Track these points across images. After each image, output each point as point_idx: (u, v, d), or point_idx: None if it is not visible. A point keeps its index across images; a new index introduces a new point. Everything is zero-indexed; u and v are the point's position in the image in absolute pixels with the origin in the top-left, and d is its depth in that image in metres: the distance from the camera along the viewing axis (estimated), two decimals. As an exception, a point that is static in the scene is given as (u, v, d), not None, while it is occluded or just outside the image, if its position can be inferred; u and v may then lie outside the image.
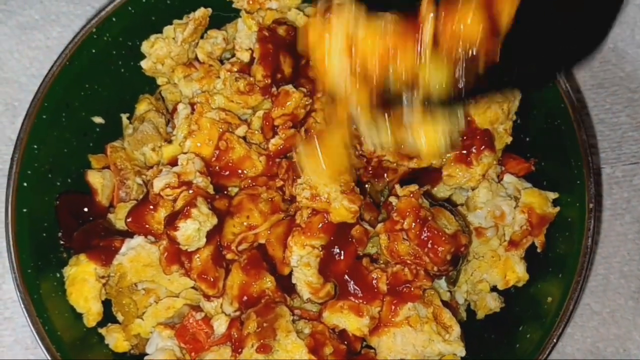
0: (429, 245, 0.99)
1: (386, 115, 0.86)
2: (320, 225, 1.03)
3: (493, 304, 1.11)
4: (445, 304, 1.05)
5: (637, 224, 1.28)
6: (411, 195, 1.01)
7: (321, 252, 1.03)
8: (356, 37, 0.84)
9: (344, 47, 0.84)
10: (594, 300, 1.24)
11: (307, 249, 1.03)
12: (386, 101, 0.85)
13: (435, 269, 1.00)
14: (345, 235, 1.03)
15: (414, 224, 0.99)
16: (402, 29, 0.82)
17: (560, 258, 1.08)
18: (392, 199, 1.03)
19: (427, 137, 0.87)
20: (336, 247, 1.03)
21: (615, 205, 1.29)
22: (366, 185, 1.13)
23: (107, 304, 1.12)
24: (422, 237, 0.99)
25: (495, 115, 1.13)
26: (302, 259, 1.03)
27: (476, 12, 0.79)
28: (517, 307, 1.12)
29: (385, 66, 0.83)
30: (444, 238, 0.99)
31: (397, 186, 1.04)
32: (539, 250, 1.11)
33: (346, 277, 1.02)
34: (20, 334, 1.24)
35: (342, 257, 1.02)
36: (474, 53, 0.80)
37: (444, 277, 1.06)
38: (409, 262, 1.00)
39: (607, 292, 1.25)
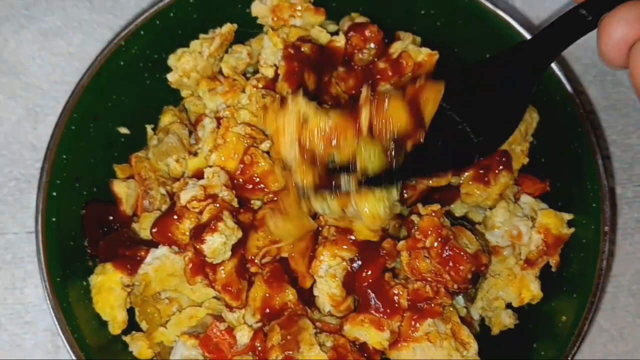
0: (451, 264, 1.02)
1: (331, 189, 1.01)
2: (351, 239, 1.06)
3: (508, 320, 1.14)
4: (462, 319, 1.08)
5: (646, 243, 1.31)
6: (433, 214, 1.04)
7: (348, 265, 1.06)
8: (305, 124, 1.00)
9: (294, 132, 1.00)
10: (602, 317, 1.28)
11: (337, 260, 1.06)
12: (331, 177, 1.01)
13: (456, 286, 1.03)
14: (373, 249, 1.06)
15: (436, 242, 1.02)
16: (344, 119, 0.99)
17: (574, 278, 1.11)
18: (414, 217, 1.06)
19: (368, 205, 1.00)
20: (364, 259, 1.06)
21: (626, 225, 1.32)
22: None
23: (130, 312, 1.14)
24: (444, 255, 1.02)
25: (513, 136, 1.16)
26: (329, 270, 1.06)
27: (402, 106, 0.98)
28: (531, 324, 1.15)
29: (329, 149, 1.00)
30: (465, 257, 1.01)
31: (419, 205, 1.07)
32: (553, 269, 1.14)
33: (369, 291, 1.04)
34: (41, 338, 1.27)
35: (369, 271, 1.05)
36: (401, 138, 0.98)
37: (462, 294, 1.09)
38: (429, 279, 1.03)
39: (616, 310, 1.28)
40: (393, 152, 0.98)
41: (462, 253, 1.02)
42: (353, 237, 1.06)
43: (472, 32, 1.22)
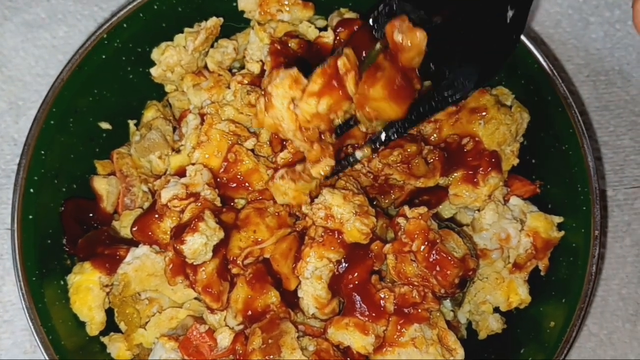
0: (438, 269, 0.99)
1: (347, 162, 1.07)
2: (339, 240, 1.04)
3: (495, 325, 1.12)
4: (448, 324, 1.06)
5: (636, 247, 1.29)
6: (420, 217, 1.02)
7: (335, 267, 1.04)
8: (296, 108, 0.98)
9: (290, 121, 0.98)
10: (592, 321, 1.26)
11: (324, 262, 1.04)
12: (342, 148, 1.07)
13: (443, 291, 1.01)
14: (361, 251, 1.04)
15: (422, 246, 1.00)
16: (332, 98, 0.97)
17: (563, 282, 1.09)
18: (401, 220, 1.04)
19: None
20: (351, 261, 1.04)
21: (616, 227, 1.30)
22: (374, 202, 1.13)
23: (109, 312, 1.12)
24: (431, 259, 1.00)
25: (503, 137, 1.14)
26: (315, 272, 1.03)
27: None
28: (519, 328, 1.13)
29: (329, 122, 0.99)
30: (452, 262, 0.99)
31: (406, 208, 1.04)
32: (542, 273, 1.12)
33: (354, 293, 1.02)
34: (20, 337, 1.24)
35: (355, 273, 1.02)
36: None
37: (449, 298, 1.07)
38: (416, 283, 1.01)
39: (605, 314, 1.26)
40: None
41: (449, 257, 0.99)
42: (341, 238, 1.04)
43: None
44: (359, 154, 1.06)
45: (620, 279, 1.28)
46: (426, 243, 1.00)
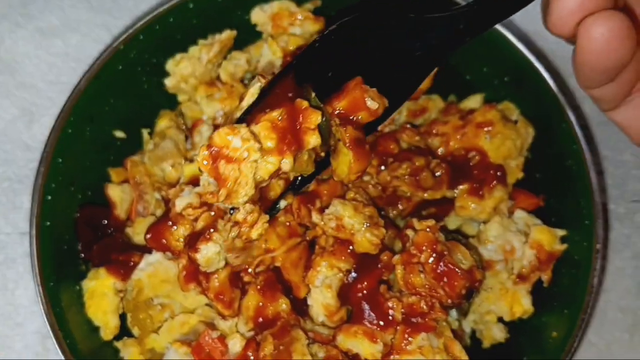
0: (445, 280, 1.02)
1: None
2: (349, 250, 1.06)
3: (499, 334, 1.15)
4: (453, 332, 1.09)
5: (636, 259, 1.32)
6: (428, 229, 1.05)
7: (344, 276, 1.06)
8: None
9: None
10: (591, 332, 1.28)
11: (335, 271, 1.06)
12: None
13: (450, 301, 1.03)
14: (370, 261, 1.07)
15: (430, 258, 1.03)
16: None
17: (565, 294, 1.12)
18: (409, 232, 1.06)
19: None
20: (360, 270, 1.07)
21: (616, 240, 1.33)
22: (381, 212, 1.16)
23: (122, 317, 1.14)
24: (439, 271, 1.02)
25: (509, 151, 1.17)
26: (325, 280, 1.06)
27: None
28: (521, 338, 1.16)
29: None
30: (460, 273, 1.02)
31: (414, 220, 1.07)
32: (545, 285, 1.15)
33: (363, 302, 1.05)
34: (31, 340, 1.26)
35: (365, 282, 1.05)
36: None
37: (455, 308, 1.10)
38: (423, 293, 1.04)
39: (604, 325, 1.29)
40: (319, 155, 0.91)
41: (456, 269, 1.02)
42: (351, 248, 1.07)
43: (469, 45, 1.22)
44: (283, 203, 0.97)
45: (620, 291, 1.31)
46: (434, 255, 1.03)
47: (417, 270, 1.03)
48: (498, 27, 1.18)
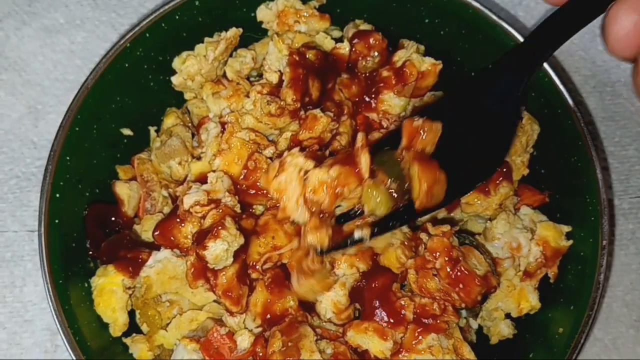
0: (461, 286, 1.03)
1: (345, 242, 1.05)
2: (373, 257, 1.09)
3: (506, 330, 1.16)
4: (460, 329, 1.09)
5: (641, 254, 1.33)
6: (442, 234, 1.05)
7: (360, 277, 1.07)
8: (307, 180, 1.01)
9: (298, 189, 1.01)
10: (597, 327, 1.29)
11: (353, 270, 1.07)
12: (341, 229, 1.04)
13: (464, 305, 1.04)
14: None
15: (446, 265, 1.03)
16: (344, 167, 1.01)
17: (572, 290, 1.12)
18: (423, 236, 1.07)
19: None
20: (374, 271, 1.08)
21: (621, 236, 1.33)
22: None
23: (131, 314, 1.15)
24: (454, 276, 1.03)
25: (514, 147, 1.18)
26: (341, 278, 1.07)
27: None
28: (528, 333, 1.16)
29: (334, 200, 1.02)
30: (476, 280, 1.02)
31: (429, 224, 1.08)
32: (551, 281, 1.16)
33: (375, 300, 1.05)
34: (40, 337, 1.27)
35: (378, 282, 1.07)
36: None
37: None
38: (437, 297, 1.04)
39: (610, 320, 1.30)
40: (396, 193, 1.01)
41: (472, 275, 1.02)
42: (375, 258, 1.10)
43: (475, 42, 1.23)
44: (357, 234, 1.04)
45: (625, 286, 1.32)
46: (449, 260, 1.03)
47: (430, 275, 1.04)
48: (504, 24, 1.18)
